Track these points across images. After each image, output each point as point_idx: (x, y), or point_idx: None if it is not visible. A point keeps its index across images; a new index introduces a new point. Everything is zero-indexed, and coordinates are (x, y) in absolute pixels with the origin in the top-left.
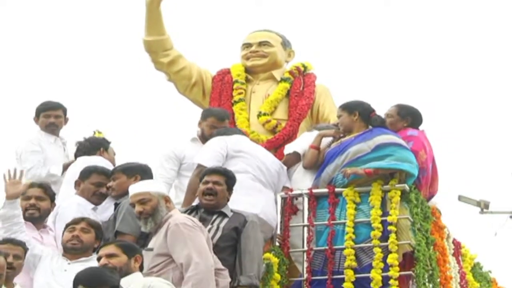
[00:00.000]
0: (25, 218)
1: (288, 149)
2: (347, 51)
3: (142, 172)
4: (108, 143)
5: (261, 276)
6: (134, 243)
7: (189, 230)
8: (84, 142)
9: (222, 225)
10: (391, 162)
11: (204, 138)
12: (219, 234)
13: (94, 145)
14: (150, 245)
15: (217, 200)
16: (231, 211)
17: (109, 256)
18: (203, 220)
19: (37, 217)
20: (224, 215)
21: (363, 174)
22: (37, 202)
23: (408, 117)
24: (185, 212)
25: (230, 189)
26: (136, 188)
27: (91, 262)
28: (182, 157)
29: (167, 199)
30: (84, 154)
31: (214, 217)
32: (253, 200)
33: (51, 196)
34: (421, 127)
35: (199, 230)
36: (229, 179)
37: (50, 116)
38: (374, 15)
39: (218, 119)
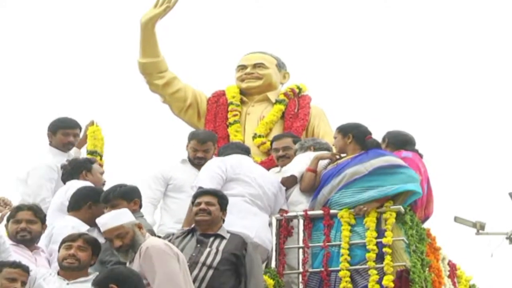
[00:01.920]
0: (17, 241)
1: (285, 172)
2: (342, 62)
3: (138, 194)
4: (91, 162)
5: None
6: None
7: (161, 254)
8: (66, 166)
9: (221, 248)
10: (395, 186)
11: (189, 160)
12: (219, 257)
13: (76, 169)
14: None
15: (211, 218)
16: (228, 232)
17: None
18: (200, 242)
19: (28, 239)
20: (222, 238)
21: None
22: (28, 226)
23: (386, 138)
24: (181, 235)
25: (223, 209)
26: (109, 223)
27: (90, 282)
28: (169, 178)
29: (139, 226)
30: (68, 178)
31: (212, 239)
32: (248, 223)
33: (42, 219)
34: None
35: (174, 258)
36: (221, 199)
37: (69, 134)
38: (372, 30)
39: (199, 142)
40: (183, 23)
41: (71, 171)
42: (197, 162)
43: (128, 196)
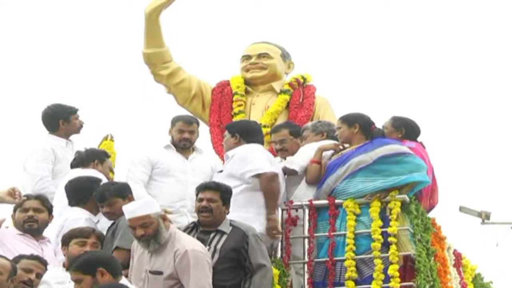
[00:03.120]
0: (24, 230)
1: (288, 163)
2: (346, 53)
3: (130, 191)
4: (107, 156)
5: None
6: (90, 256)
7: (199, 260)
8: (82, 152)
9: (219, 246)
10: (402, 177)
11: (174, 144)
12: (216, 256)
13: (90, 157)
14: (154, 268)
15: (213, 216)
16: (230, 224)
17: (78, 281)
18: (200, 240)
19: (35, 228)
20: (222, 233)
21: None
22: (35, 214)
23: (402, 128)
24: (186, 229)
25: (226, 204)
26: (135, 211)
27: None
28: (155, 162)
29: (164, 218)
30: (79, 165)
31: (211, 236)
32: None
33: (49, 208)
34: (419, 139)
35: (208, 258)
36: (223, 193)
37: (79, 117)
38: (374, 19)
39: (185, 122)
40: (187, 13)
41: (85, 158)
42: (182, 144)
43: (122, 193)
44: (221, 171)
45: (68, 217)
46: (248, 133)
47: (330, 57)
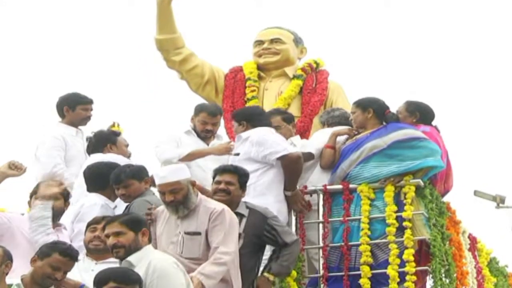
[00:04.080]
0: None
1: (303, 147)
2: (349, 48)
3: (147, 173)
4: (116, 135)
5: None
6: (138, 216)
7: (234, 220)
8: (91, 138)
9: (241, 230)
10: (416, 162)
11: (196, 132)
12: (241, 242)
13: (101, 142)
14: (190, 229)
15: (230, 198)
16: (247, 207)
17: (116, 234)
18: None
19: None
20: (241, 216)
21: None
22: None
23: (417, 112)
24: None
25: (243, 188)
26: (166, 177)
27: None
28: (180, 142)
29: (193, 183)
30: (93, 151)
31: None
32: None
33: (65, 196)
34: (433, 122)
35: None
36: (241, 176)
37: (88, 109)
38: (376, 13)
39: (209, 115)
40: (187, 14)
41: (95, 143)
42: (204, 135)
43: (138, 175)
44: (237, 154)
45: (84, 203)
46: (254, 118)
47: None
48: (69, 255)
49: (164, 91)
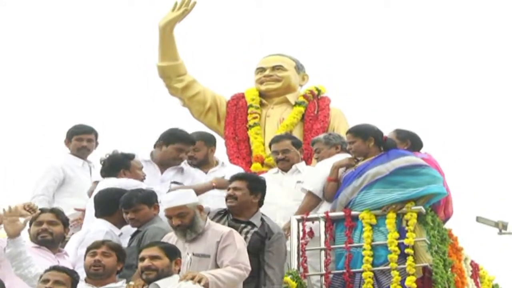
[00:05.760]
0: (38, 242)
1: (305, 185)
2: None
3: (156, 199)
4: (129, 159)
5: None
6: (175, 246)
7: (240, 239)
8: (105, 161)
9: (249, 235)
10: (420, 189)
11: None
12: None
13: (114, 166)
14: (198, 251)
15: (238, 204)
16: (261, 219)
17: (153, 258)
18: (231, 227)
19: (50, 240)
20: (253, 225)
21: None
22: (49, 227)
23: (408, 139)
24: (216, 216)
25: (254, 193)
26: (172, 201)
27: None
28: None
29: (200, 208)
30: (106, 175)
31: (242, 226)
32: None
33: (64, 221)
34: (422, 150)
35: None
36: (252, 182)
37: (83, 139)
38: (375, 19)
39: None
40: (201, 26)
41: (108, 168)
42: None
43: (149, 200)
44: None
45: (90, 229)
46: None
47: (329, 57)
48: (54, 268)
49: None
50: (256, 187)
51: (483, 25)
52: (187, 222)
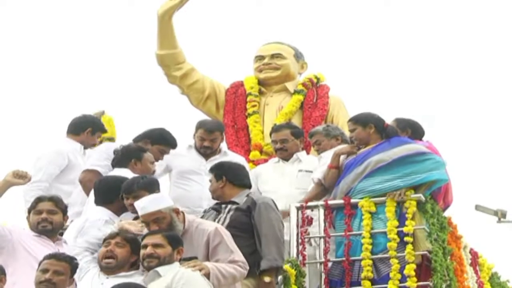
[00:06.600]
0: (38, 232)
1: (315, 174)
2: (346, 50)
3: (158, 186)
4: (143, 151)
5: (284, 256)
6: (178, 235)
7: (228, 233)
8: (118, 152)
9: (230, 213)
10: (422, 176)
11: (196, 149)
12: (226, 222)
13: (126, 156)
14: (186, 255)
15: (212, 190)
16: (246, 196)
17: (155, 245)
18: (215, 211)
19: (49, 229)
20: (234, 203)
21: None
22: (49, 216)
23: (408, 129)
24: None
25: (231, 181)
26: (147, 207)
27: (133, 278)
28: (171, 166)
29: (177, 211)
30: (117, 165)
31: (224, 206)
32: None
33: (63, 209)
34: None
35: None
36: (223, 172)
37: (99, 137)
38: (376, 16)
39: (206, 131)
40: (200, 14)
41: (121, 158)
42: (203, 151)
43: (151, 187)
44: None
45: (88, 218)
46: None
47: (329, 55)
48: (53, 256)
49: (165, 105)
50: (224, 174)
51: (482, 22)
52: (164, 227)
